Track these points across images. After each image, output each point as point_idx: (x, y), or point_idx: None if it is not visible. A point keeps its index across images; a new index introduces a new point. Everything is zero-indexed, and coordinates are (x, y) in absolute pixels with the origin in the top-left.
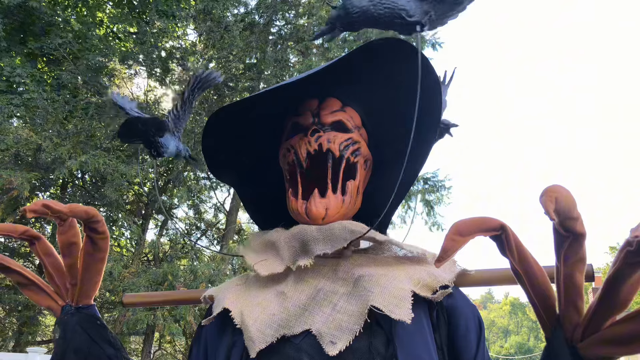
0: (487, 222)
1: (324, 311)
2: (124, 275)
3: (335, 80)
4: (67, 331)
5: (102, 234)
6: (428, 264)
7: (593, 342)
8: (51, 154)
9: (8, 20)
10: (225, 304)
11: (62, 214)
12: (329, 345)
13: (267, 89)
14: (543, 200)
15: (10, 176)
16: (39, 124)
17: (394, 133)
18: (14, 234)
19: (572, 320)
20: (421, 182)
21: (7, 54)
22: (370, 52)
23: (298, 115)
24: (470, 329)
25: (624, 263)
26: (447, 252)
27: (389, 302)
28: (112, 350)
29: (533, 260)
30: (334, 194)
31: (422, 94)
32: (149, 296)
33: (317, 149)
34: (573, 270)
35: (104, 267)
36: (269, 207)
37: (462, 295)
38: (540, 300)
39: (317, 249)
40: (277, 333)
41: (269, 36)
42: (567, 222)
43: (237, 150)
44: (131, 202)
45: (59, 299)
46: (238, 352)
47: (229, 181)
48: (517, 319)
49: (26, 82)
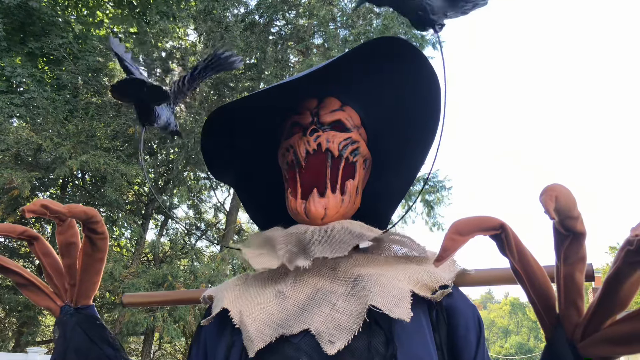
0: (487, 221)
1: (322, 311)
2: (123, 276)
3: (334, 79)
4: (67, 331)
5: (101, 234)
6: (427, 264)
7: (593, 342)
8: (51, 154)
9: (8, 20)
10: (224, 303)
11: (61, 214)
12: (327, 344)
13: (266, 88)
14: (543, 199)
15: (11, 176)
16: (39, 124)
17: (393, 132)
18: (13, 234)
19: (572, 319)
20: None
21: (7, 53)
22: (370, 51)
23: (297, 114)
24: (470, 329)
25: (624, 262)
26: (447, 252)
27: (388, 302)
28: (111, 350)
29: (533, 259)
30: (333, 194)
31: (424, 93)
32: (149, 296)
33: (316, 149)
34: (573, 269)
35: (103, 267)
36: (268, 207)
37: (462, 295)
38: (540, 300)
39: (316, 251)
40: (275, 333)
41: (269, 36)
42: (567, 221)
43: (236, 150)
44: (131, 202)
45: (58, 299)
46: (237, 352)
47: (229, 181)
48: (517, 319)
49: (26, 82)
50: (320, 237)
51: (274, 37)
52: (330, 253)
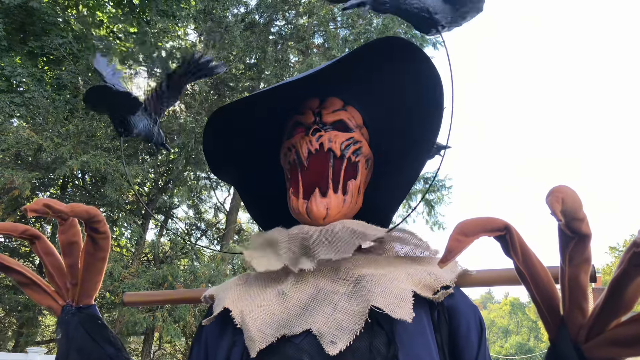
0: (492, 222)
1: (324, 311)
2: (123, 276)
3: (336, 79)
4: (69, 330)
5: (103, 233)
6: (430, 264)
7: (598, 344)
8: (52, 154)
9: (8, 20)
10: (225, 303)
11: (63, 214)
12: (329, 345)
13: (268, 87)
14: (550, 200)
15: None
16: (39, 124)
17: (395, 132)
18: (15, 233)
19: (576, 321)
20: (421, 181)
21: (8, 53)
22: (372, 52)
23: (299, 114)
24: (472, 329)
25: (630, 264)
26: (452, 253)
27: (389, 302)
28: (112, 349)
29: (537, 260)
30: (335, 194)
31: (426, 93)
32: (150, 295)
33: (318, 148)
34: (578, 271)
35: (104, 266)
36: (270, 206)
37: (463, 296)
38: (545, 301)
39: (320, 252)
40: (277, 333)
41: (269, 36)
42: (573, 223)
43: (238, 150)
44: (131, 202)
45: (60, 298)
46: (238, 352)
47: (230, 180)
48: (517, 319)
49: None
50: (324, 238)
51: (274, 36)
52: (334, 254)
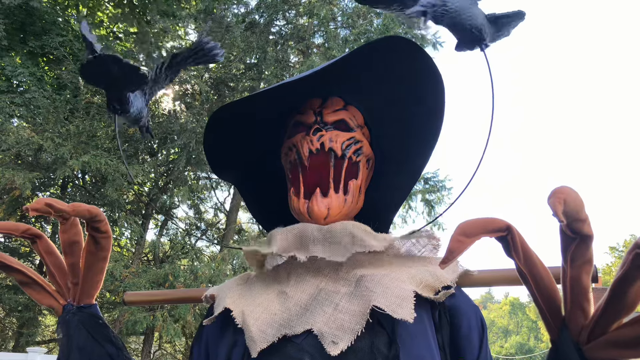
0: (493, 222)
1: (325, 311)
2: (124, 276)
3: (337, 79)
4: (70, 329)
5: (104, 233)
6: (430, 264)
7: (599, 345)
8: (52, 154)
9: (9, 20)
10: (226, 303)
11: (64, 213)
12: (330, 345)
13: (270, 87)
14: (552, 201)
15: (13, 176)
16: (39, 124)
17: (396, 132)
18: (16, 233)
19: (578, 322)
20: (422, 182)
21: (8, 53)
22: (374, 51)
23: (300, 113)
24: (473, 329)
25: (633, 265)
26: (453, 254)
27: (391, 302)
28: (113, 349)
29: (539, 261)
30: (336, 193)
31: (427, 93)
32: (150, 295)
33: (319, 148)
34: (580, 272)
35: (106, 266)
36: (271, 206)
37: (465, 296)
38: (546, 302)
39: (315, 250)
40: (278, 333)
41: (270, 36)
42: (575, 224)
43: (239, 149)
44: (131, 202)
45: (61, 298)
46: (239, 352)
47: (231, 180)
48: (517, 319)
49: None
50: (321, 236)
51: (274, 36)
52: (328, 255)
